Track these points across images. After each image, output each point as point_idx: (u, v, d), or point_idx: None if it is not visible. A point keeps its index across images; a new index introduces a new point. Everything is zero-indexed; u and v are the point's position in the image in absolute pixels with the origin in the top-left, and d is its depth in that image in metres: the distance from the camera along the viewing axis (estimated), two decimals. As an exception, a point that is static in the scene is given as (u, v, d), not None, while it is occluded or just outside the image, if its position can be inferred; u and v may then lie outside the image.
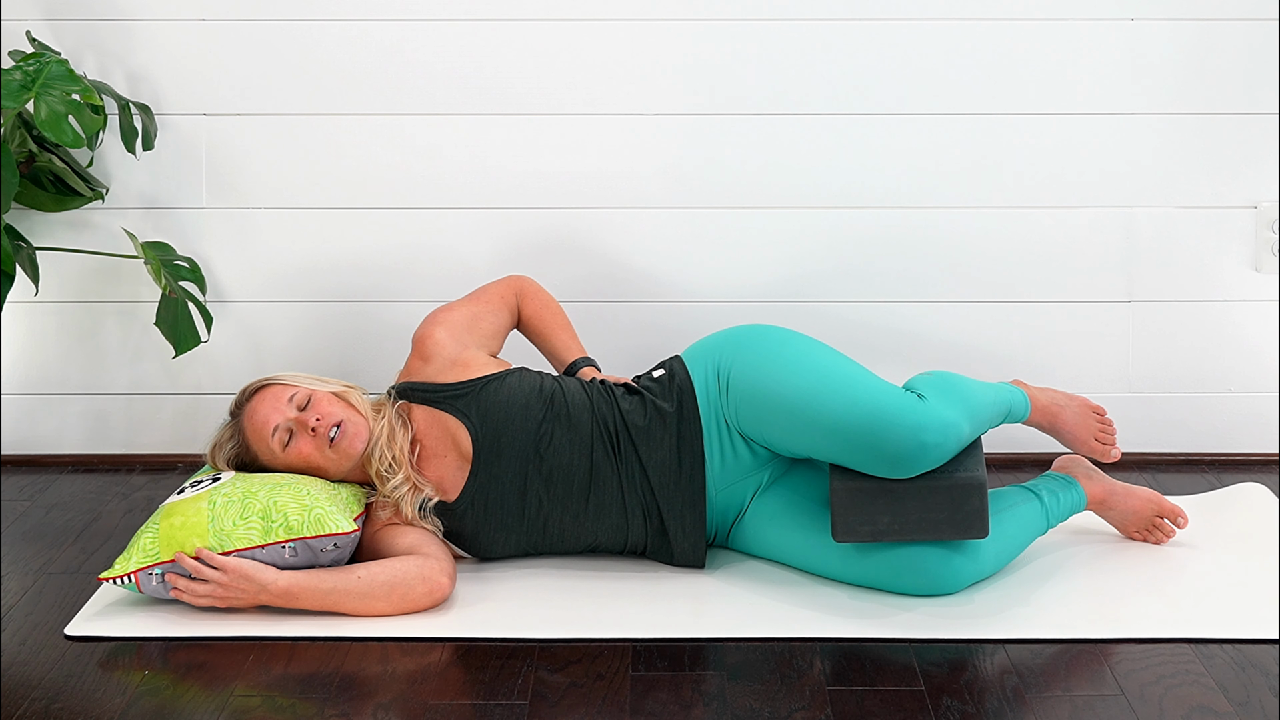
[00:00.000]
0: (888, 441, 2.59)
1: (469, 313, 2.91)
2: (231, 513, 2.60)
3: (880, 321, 3.35)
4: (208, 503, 2.62)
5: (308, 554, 2.62)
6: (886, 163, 3.31)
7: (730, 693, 2.36)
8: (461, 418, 2.76)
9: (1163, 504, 2.88)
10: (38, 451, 3.41)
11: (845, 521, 2.61)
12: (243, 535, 2.59)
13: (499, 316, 2.94)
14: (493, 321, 2.93)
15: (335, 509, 2.64)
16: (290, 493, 2.64)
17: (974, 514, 2.60)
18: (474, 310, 2.92)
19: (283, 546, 2.60)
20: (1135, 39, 3.27)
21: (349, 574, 2.61)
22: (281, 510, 2.61)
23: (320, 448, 2.71)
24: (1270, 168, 3.31)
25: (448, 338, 2.85)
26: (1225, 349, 3.37)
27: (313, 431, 2.70)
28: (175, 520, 2.62)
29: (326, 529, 2.61)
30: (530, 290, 2.99)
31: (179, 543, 2.59)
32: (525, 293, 2.99)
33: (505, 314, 2.96)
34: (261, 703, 2.34)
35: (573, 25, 3.27)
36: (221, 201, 3.33)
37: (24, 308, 3.35)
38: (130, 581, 2.61)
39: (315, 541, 2.61)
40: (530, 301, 2.98)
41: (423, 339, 2.85)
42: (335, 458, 2.71)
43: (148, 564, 2.60)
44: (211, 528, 2.59)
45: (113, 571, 2.61)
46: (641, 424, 2.76)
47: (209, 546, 2.58)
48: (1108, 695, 2.33)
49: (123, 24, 3.27)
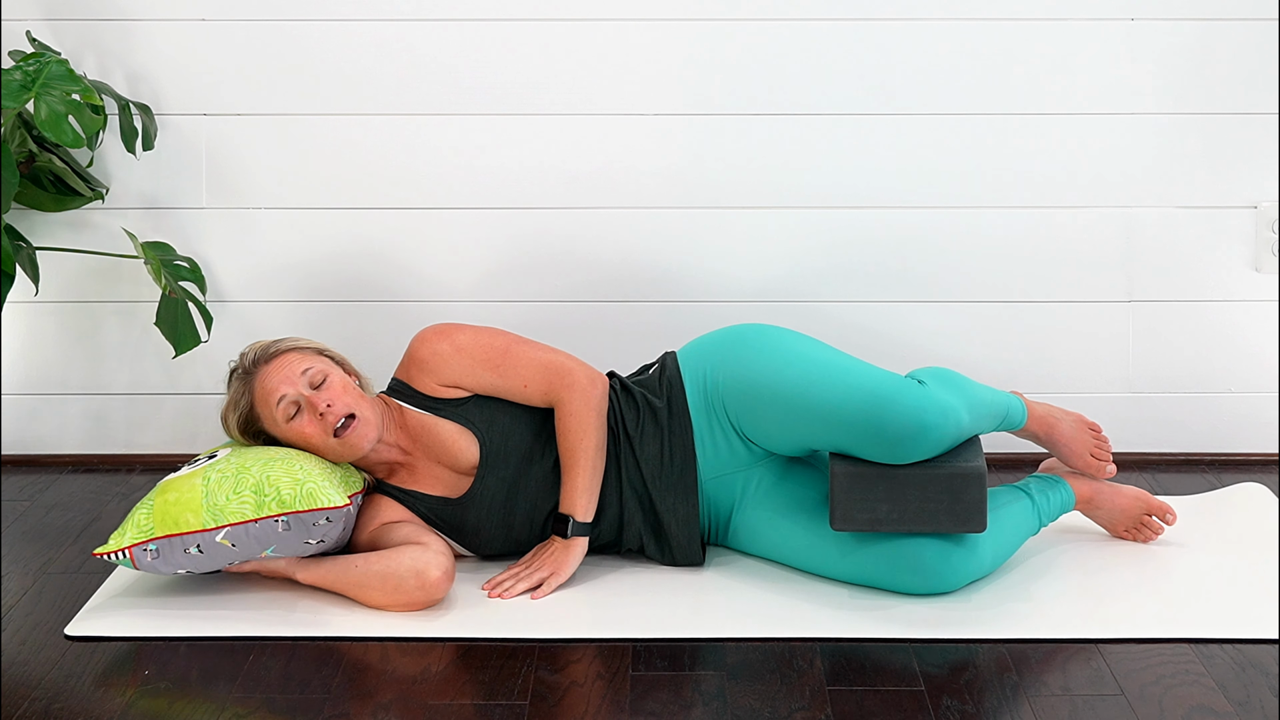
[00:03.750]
0: (889, 422, 2.59)
1: (495, 356, 2.75)
2: (225, 487, 2.61)
3: (880, 321, 3.35)
4: (202, 479, 2.63)
5: (300, 528, 2.61)
6: (886, 163, 3.31)
7: (730, 692, 2.36)
8: (466, 424, 2.75)
9: (1151, 502, 2.88)
10: (38, 451, 3.42)
11: (845, 508, 2.62)
12: (236, 510, 2.59)
13: (501, 390, 2.76)
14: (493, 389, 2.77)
15: (328, 483, 2.63)
16: (283, 467, 2.64)
17: (973, 505, 2.60)
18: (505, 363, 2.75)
19: (275, 521, 2.60)
20: (1135, 39, 3.28)
21: (348, 563, 2.63)
22: (274, 484, 2.61)
23: (323, 432, 2.69)
24: (1270, 168, 3.31)
25: (456, 361, 2.76)
26: (1225, 349, 3.37)
27: (320, 416, 2.69)
28: (170, 496, 2.62)
29: (319, 503, 2.61)
30: (580, 406, 2.70)
31: (173, 518, 2.59)
32: (577, 402, 2.71)
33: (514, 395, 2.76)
34: (261, 703, 2.34)
35: (573, 25, 3.27)
36: (221, 201, 3.33)
37: (24, 308, 3.35)
38: (125, 557, 2.61)
39: (307, 515, 2.60)
40: (569, 414, 2.71)
41: (427, 361, 2.77)
42: (337, 448, 2.70)
43: (142, 539, 2.60)
44: (205, 503, 2.59)
45: (107, 547, 2.62)
46: (634, 419, 2.76)
47: (203, 522, 2.58)
48: (1108, 695, 2.33)
49: (123, 24, 3.27)
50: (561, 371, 2.74)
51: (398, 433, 2.78)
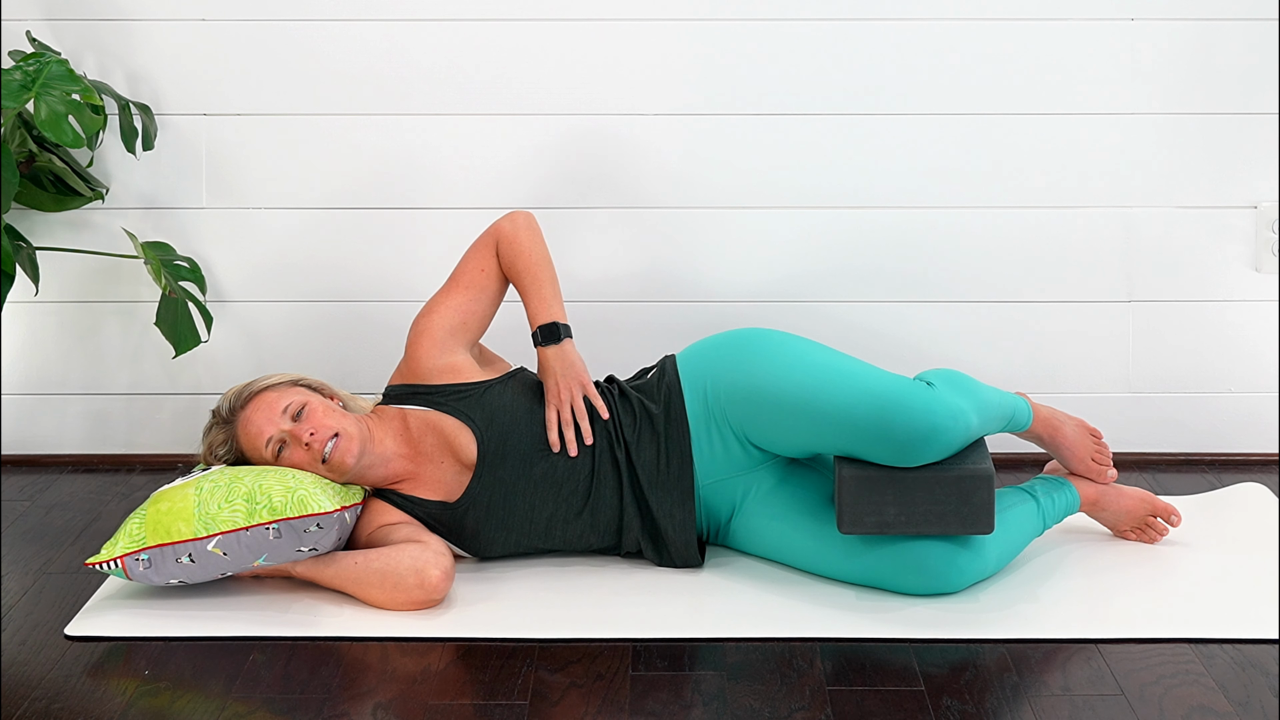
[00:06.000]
0: (898, 425, 2.59)
1: (455, 314, 2.83)
2: (217, 496, 2.61)
3: (880, 321, 3.35)
4: (195, 489, 2.63)
5: (291, 535, 2.61)
6: (887, 163, 3.31)
7: (730, 693, 2.36)
8: (465, 420, 2.75)
9: (1155, 503, 2.88)
10: (38, 451, 3.42)
11: (852, 511, 2.61)
12: (227, 518, 2.59)
13: (484, 296, 2.85)
14: (479, 309, 2.85)
15: (320, 491, 2.63)
16: (276, 476, 2.64)
17: (981, 507, 2.60)
18: (459, 305, 2.83)
19: (266, 528, 2.60)
20: (1135, 39, 3.28)
21: (347, 559, 2.64)
22: (266, 492, 2.61)
23: (313, 461, 2.69)
24: (1270, 168, 3.31)
25: (433, 348, 2.81)
26: (1225, 349, 3.37)
27: (307, 446, 2.70)
28: (163, 506, 2.63)
29: (310, 509, 2.60)
30: (506, 238, 2.84)
31: (165, 528, 2.60)
32: (502, 242, 2.85)
33: (491, 288, 2.87)
34: (261, 703, 2.34)
35: (573, 25, 3.27)
36: (221, 201, 3.33)
37: (24, 308, 3.35)
38: (117, 567, 2.61)
39: (298, 522, 2.60)
40: (504, 254, 2.84)
41: (410, 350, 2.83)
42: (328, 473, 2.70)
43: (134, 549, 2.60)
44: (197, 512, 2.60)
45: (99, 556, 2.62)
46: (630, 425, 2.76)
47: (194, 531, 2.59)
48: (1108, 695, 2.33)
49: (123, 24, 3.27)
50: (490, 229, 2.87)
51: (398, 441, 2.77)
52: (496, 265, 2.86)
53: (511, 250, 2.83)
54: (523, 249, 2.83)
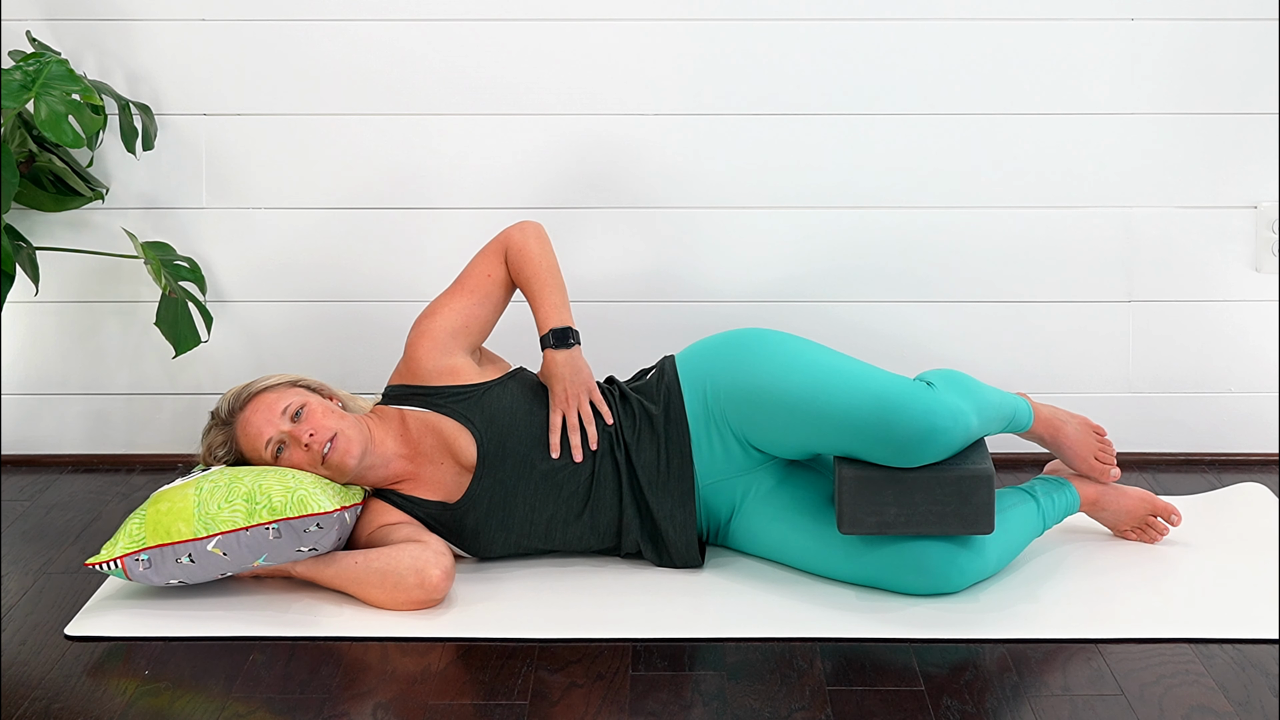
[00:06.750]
0: (899, 426, 2.59)
1: (457, 317, 2.83)
2: (217, 496, 2.61)
3: (880, 322, 3.35)
4: (194, 489, 2.63)
5: (291, 535, 2.61)
6: (886, 163, 3.31)
7: (730, 693, 2.36)
8: (465, 422, 2.75)
9: (1156, 503, 2.88)
10: (38, 451, 3.42)
11: (852, 512, 2.61)
12: (227, 518, 2.59)
13: (488, 302, 2.85)
14: (482, 315, 2.85)
15: (319, 491, 2.63)
16: (276, 476, 2.64)
17: (981, 507, 2.60)
18: (463, 308, 2.83)
19: (266, 528, 2.60)
20: (1135, 39, 3.28)
21: (347, 559, 2.64)
22: (266, 492, 2.61)
23: (312, 462, 2.69)
24: (1270, 168, 3.31)
25: (433, 349, 2.81)
26: (1225, 349, 3.37)
27: (306, 447, 2.70)
28: (162, 506, 2.63)
29: (309, 509, 2.60)
30: (516, 246, 2.84)
31: (165, 528, 2.60)
32: (511, 249, 2.85)
33: (495, 294, 2.87)
34: (261, 703, 2.34)
35: (573, 25, 3.28)
36: (221, 201, 3.33)
37: (24, 308, 3.35)
38: (117, 567, 2.61)
39: (298, 522, 2.60)
40: (513, 260, 2.84)
41: (410, 350, 2.83)
42: (328, 473, 2.70)
43: (134, 549, 2.60)
44: (197, 512, 2.60)
45: (99, 557, 2.62)
46: (630, 426, 2.76)
47: (194, 531, 2.59)
48: (1108, 695, 2.33)
49: (123, 24, 3.27)
50: (499, 236, 2.86)
51: (398, 442, 2.77)
52: (504, 272, 2.86)
53: (520, 257, 2.83)
54: (532, 256, 2.83)
